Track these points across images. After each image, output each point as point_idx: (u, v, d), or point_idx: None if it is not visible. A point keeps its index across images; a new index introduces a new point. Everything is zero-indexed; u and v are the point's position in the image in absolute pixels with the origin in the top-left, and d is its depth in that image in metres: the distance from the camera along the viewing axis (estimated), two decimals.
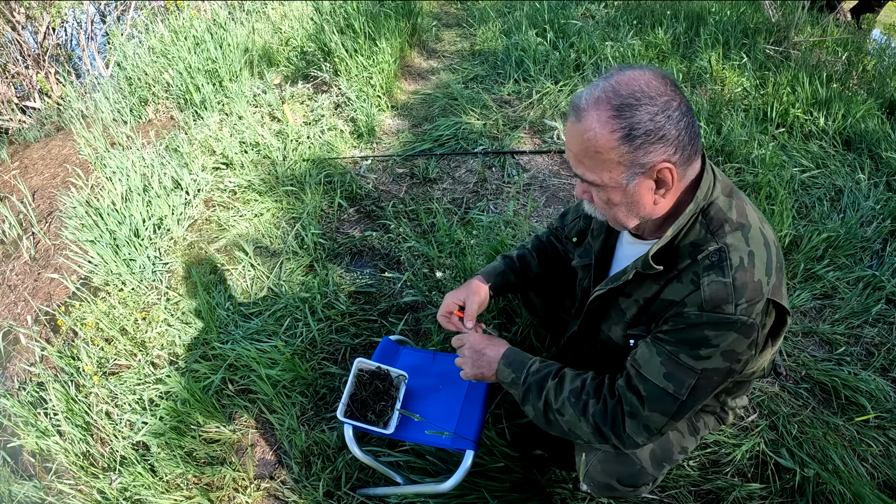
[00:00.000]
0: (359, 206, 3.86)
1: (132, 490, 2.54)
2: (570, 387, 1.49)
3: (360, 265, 3.43)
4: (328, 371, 2.82)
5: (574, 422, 1.47)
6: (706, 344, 1.30)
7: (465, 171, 4.19)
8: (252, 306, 3.16)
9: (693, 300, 1.30)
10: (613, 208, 1.35)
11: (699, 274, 1.30)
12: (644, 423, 1.38)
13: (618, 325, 1.55)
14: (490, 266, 2.03)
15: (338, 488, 2.38)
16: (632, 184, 1.27)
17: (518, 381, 1.59)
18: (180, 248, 3.64)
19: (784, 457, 2.28)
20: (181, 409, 2.71)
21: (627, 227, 1.41)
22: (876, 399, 2.51)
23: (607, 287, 1.51)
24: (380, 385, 2.07)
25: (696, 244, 1.33)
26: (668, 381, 1.34)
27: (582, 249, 1.79)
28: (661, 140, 1.21)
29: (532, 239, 2.10)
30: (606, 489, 1.72)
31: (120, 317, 3.26)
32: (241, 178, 4.04)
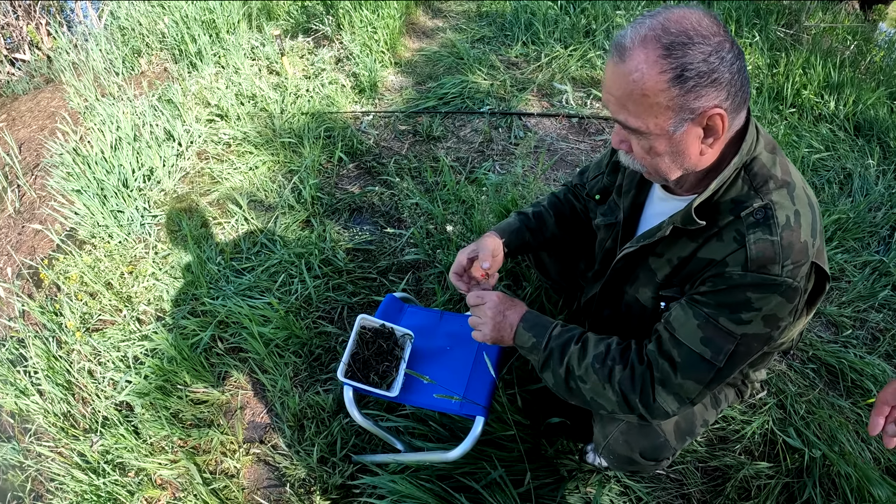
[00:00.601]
0: (359, 162, 3.63)
1: (114, 453, 2.36)
2: (594, 352, 1.38)
3: (360, 222, 3.21)
4: (324, 330, 2.62)
5: (598, 390, 1.36)
6: (748, 307, 1.20)
7: (470, 131, 3.96)
8: (245, 261, 2.95)
9: (736, 259, 1.20)
10: (656, 158, 1.23)
11: (743, 232, 1.20)
12: (676, 391, 1.29)
13: (647, 286, 1.44)
14: (504, 222, 1.87)
15: (332, 454, 2.20)
16: (679, 131, 1.16)
17: (539, 346, 1.46)
18: (171, 200, 3.42)
19: (791, 436, 2.20)
20: (167, 367, 2.51)
21: (669, 179, 1.28)
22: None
23: (639, 244, 1.39)
24: (384, 344, 1.88)
25: (739, 201, 1.23)
26: (705, 346, 1.24)
27: (605, 207, 1.67)
28: (713, 83, 1.10)
29: (548, 196, 1.95)
30: (627, 463, 1.60)
31: (105, 270, 3.05)
32: (236, 130, 3.81)
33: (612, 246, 1.61)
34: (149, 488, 2.27)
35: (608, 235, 1.63)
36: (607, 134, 3.92)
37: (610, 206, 1.63)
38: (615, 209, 1.59)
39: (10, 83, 5.45)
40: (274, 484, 2.25)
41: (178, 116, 3.95)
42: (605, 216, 1.65)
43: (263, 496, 2.23)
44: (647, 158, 1.24)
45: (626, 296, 1.53)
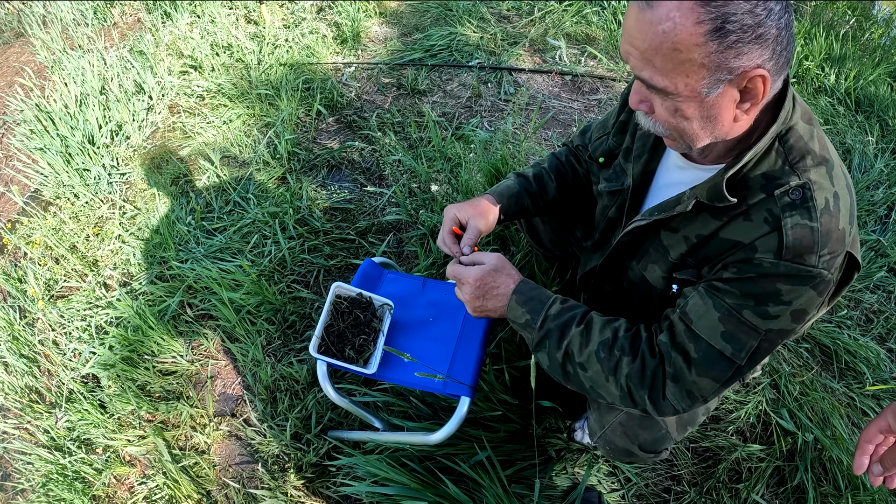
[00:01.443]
0: (339, 116, 3.36)
1: (80, 429, 2.17)
2: (599, 338, 1.19)
3: (339, 179, 2.96)
4: (298, 295, 2.40)
5: (599, 380, 1.19)
6: (776, 300, 1.04)
7: (457, 85, 3.68)
8: (216, 221, 2.71)
9: (767, 245, 1.03)
10: (682, 123, 1.03)
11: (777, 214, 1.03)
12: (689, 388, 1.12)
13: (657, 264, 1.26)
14: (503, 185, 1.64)
15: (307, 430, 2.01)
16: (713, 94, 0.96)
17: (533, 324, 1.25)
18: (140, 156, 3.15)
19: (785, 418, 2.09)
20: (132, 337, 2.30)
21: (695, 146, 1.08)
22: (874, 367, 2.33)
23: (653, 218, 1.20)
24: (360, 315, 1.66)
25: (772, 176, 1.05)
26: (725, 341, 1.08)
27: (610, 172, 1.46)
28: (758, 39, 0.90)
29: (548, 157, 1.71)
30: (624, 454, 1.47)
31: (70, 233, 2.81)
32: (210, 81, 3.52)
33: (616, 215, 1.43)
34: (117, 465, 2.10)
35: (611, 203, 1.44)
36: (602, 93, 3.64)
37: (615, 171, 1.43)
38: (621, 175, 1.40)
39: None
40: (246, 460, 2.07)
41: (149, 68, 3.65)
42: (610, 182, 1.44)
43: (235, 474, 2.05)
44: (671, 122, 1.04)
45: (631, 272, 1.35)
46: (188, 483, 2.01)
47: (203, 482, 2.05)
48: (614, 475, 1.93)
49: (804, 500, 1.95)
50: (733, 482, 1.98)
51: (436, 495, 1.68)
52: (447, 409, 1.88)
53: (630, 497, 1.94)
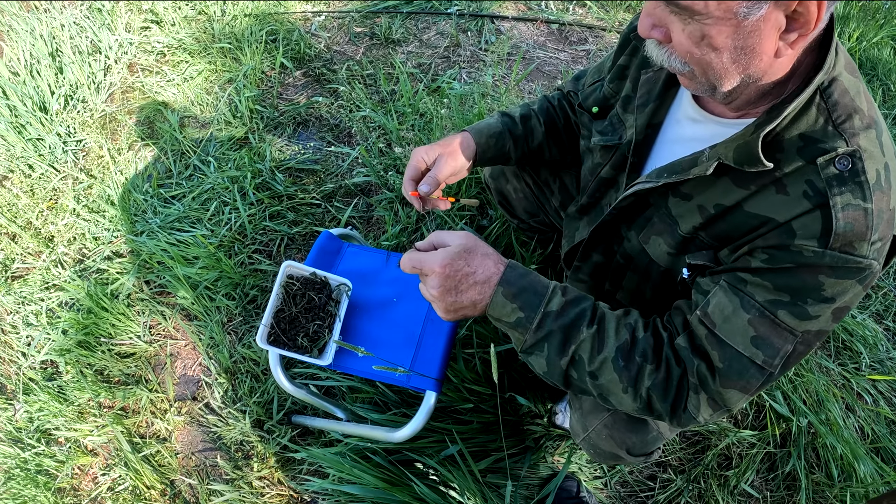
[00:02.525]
0: (306, 69, 3.06)
1: (40, 420, 2.00)
2: (615, 342, 0.94)
3: (304, 138, 2.69)
4: (259, 268, 2.17)
5: (613, 389, 0.94)
6: (817, 295, 0.83)
7: (434, 34, 3.35)
8: (175, 188, 2.46)
9: (809, 228, 0.81)
10: (709, 54, 0.78)
11: (821, 188, 0.81)
12: (714, 398, 0.91)
13: (663, 237, 1.03)
14: (483, 123, 1.36)
15: (269, 416, 1.81)
16: (754, 16, 0.72)
17: (527, 324, 0.95)
18: (96, 122, 2.88)
19: (778, 401, 1.93)
20: (85, 319, 2.09)
21: (721, 87, 0.84)
22: (871, 347, 2.18)
23: (661, 181, 0.96)
24: (315, 297, 1.46)
25: (812, 139, 0.83)
26: (756, 347, 0.86)
27: (605, 124, 1.22)
28: None
29: (539, 100, 1.45)
30: (610, 458, 1.27)
31: (25, 208, 2.57)
32: (171, 37, 3.22)
33: (610, 175, 1.20)
34: (79, 456, 1.93)
35: (604, 160, 1.21)
36: (591, 44, 3.30)
37: (611, 123, 1.20)
38: (618, 127, 1.18)
39: None
40: (209, 448, 1.89)
41: (106, 26, 3.36)
42: (604, 135, 1.21)
43: (198, 462, 1.87)
44: (694, 54, 0.79)
45: (628, 242, 1.11)
46: (150, 473, 1.84)
47: (165, 471, 1.88)
48: (597, 462, 1.75)
49: (795, 487, 1.81)
50: (722, 469, 1.82)
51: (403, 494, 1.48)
52: (417, 396, 1.68)
53: (613, 485, 1.76)
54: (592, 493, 1.73)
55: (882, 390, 2.09)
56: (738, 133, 0.87)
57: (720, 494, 1.79)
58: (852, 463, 1.82)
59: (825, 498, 1.84)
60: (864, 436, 1.97)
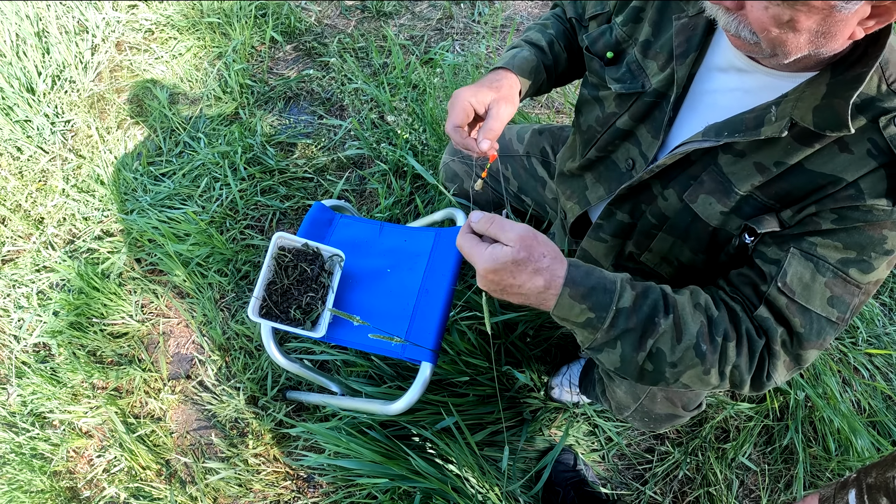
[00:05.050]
0: (297, 43, 2.99)
1: (34, 403, 1.97)
2: (695, 327, 0.89)
3: (296, 112, 2.62)
4: (251, 243, 2.12)
5: (695, 373, 0.89)
6: (880, 249, 0.84)
7: (427, 6, 3.27)
8: (165, 165, 2.41)
9: (877, 186, 0.81)
10: (787, 35, 0.74)
11: (886, 148, 0.80)
12: (793, 360, 0.90)
13: (715, 195, 0.96)
14: (520, 58, 1.22)
15: (263, 392, 1.77)
16: (849, 9, 0.69)
17: (599, 324, 0.88)
18: (84, 101, 2.82)
19: None
20: (76, 300, 2.05)
21: (786, 60, 0.80)
22: (867, 322, 2.15)
23: (722, 139, 0.90)
24: (307, 269, 1.43)
25: (871, 98, 0.81)
26: (832, 306, 0.87)
27: (623, 71, 1.10)
28: None
29: (552, 21, 1.33)
30: (665, 420, 1.27)
31: (14, 190, 2.53)
32: (158, 13, 3.15)
33: (629, 126, 1.10)
34: (74, 438, 1.91)
35: (621, 110, 1.11)
36: None
37: (630, 70, 1.09)
38: (638, 74, 1.07)
39: None
40: (204, 426, 1.85)
41: (93, 5, 3.29)
42: (623, 83, 1.10)
43: (193, 441, 1.84)
44: (771, 32, 0.74)
45: (664, 201, 1.03)
46: (145, 453, 1.82)
47: (161, 451, 1.85)
48: (594, 434, 1.73)
49: (793, 461, 1.79)
50: (720, 442, 1.80)
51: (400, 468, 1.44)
52: (412, 369, 1.63)
53: (611, 458, 1.73)
54: (590, 465, 1.70)
55: (878, 365, 2.07)
56: (807, 92, 0.83)
57: (718, 467, 1.77)
58: (849, 437, 1.80)
59: (822, 471, 1.82)
60: (861, 410, 1.95)
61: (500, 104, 1.08)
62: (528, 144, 1.59)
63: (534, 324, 1.68)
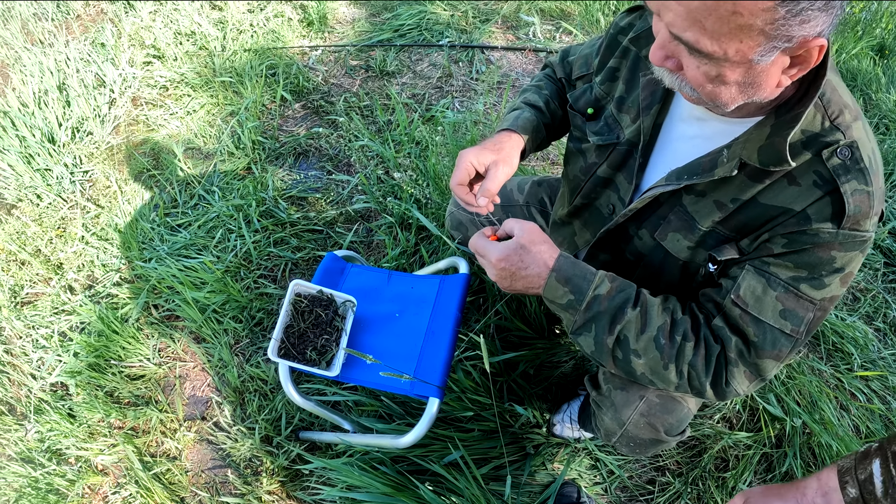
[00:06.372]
0: (305, 102, 3.19)
1: (51, 440, 2.05)
2: (657, 322, 1.05)
3: (305, 167, 2.80)
4: (265, 291, 2.26)
5: (656, 367, 1.05)
6: (829, 268, 0.96)
7: (427, 66, 3.50)
8: (181, 216, 2.56)
9: (823, 212, 0.93)
10: (719, 87, 0.86)
11: (829, 177, 0.92)
12: (752, 370, 1.02)
13: (682, 233, 1.10)
14: (522, 119, 1.36)
15: (277, 432, 1.89)
16: (764, 61, 0.80)
17: (577, 305, 1.08)
18: (102, 153, 2.98)
19: (772, 403, 2.00)
20: (97, 342, 2.17)
21: (725, 109, 0.93)
22: (861, 347, 2.25)
23: (682, 183, 1.03)
24: (322, 314, 1.56)
25: (815, 134, 0.93)
26: (784, 318, 0.99)
27: (601, 125, 1.25)
28: (826, 7, 0.74)
29: (545, 82, 1.48)
30: (649, 445, 1.36)
31: (34, 236, 2.66)
32: (173, 71, 3.34)
33: (608, 174, 1.25)
34: (90, 475, 1.99)
35: (600, 160, 1.25)
36: None
37: (606, 123, 1.24)
38: (614, 127, 1.22)
39: None
40: (218, 465, 1.95)
41: (110, 60, 3.46)
42: (601, 135, 1.25)
43: (208, 479, 1.93)
44: (706, 87, 0.87)
45: (639, 240, 1.18)
46: (161, 490, 1.90)
47: (176, 489, 1.94)
48: (596, 468, 1.83)
49: None
50: (720, 471, 1.89)
51: (410, 500, 1.57)
52: (419, 407, 1.77)
53: (613, 490, 1.84)
54: (593, 498, 1.80)
55: (875, 388, 2.16)
56: (753, 134, 0.95)
57: (719, 496, 1.85)
58: None
59: None
60: (860, 433, 2.03)
61: (499, 166, 1.22)
62: (527, 195, 1.75)
63: (533, 363, 1.82)
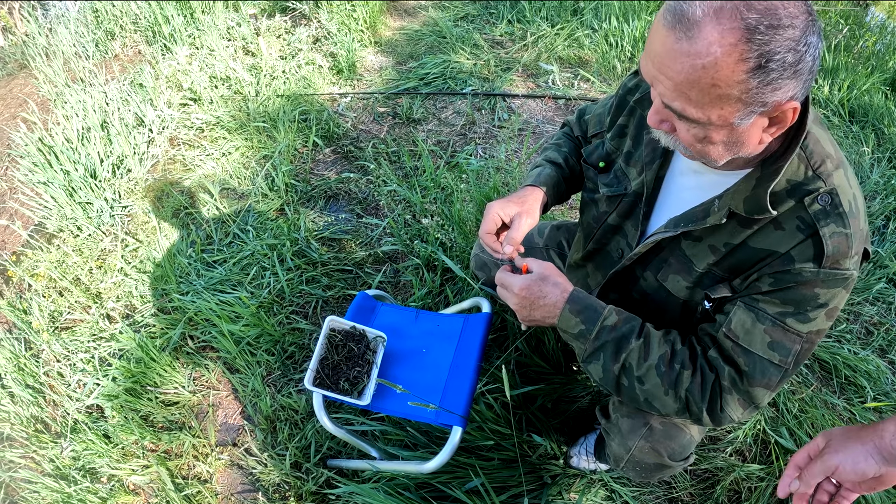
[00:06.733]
0: (335, 146, 3.45)
1: (85, 459, 2.23)
2: (658, 351, 1.20)
3: (336, 210, 3.04)
4: (297, 326, 2.47)
5: (657, 393, 1.19)
6: (814, 304, 1.08)
7: (452, 113, 3.77)
8: (216, 253, 2.79)
9: (805, 253, 1.06)
10: (707, 146, 1.03)
11: (810, 221, 1.05)
12: (744, 398, 1.15)
13: (681, 274, 1.26)
14: (544, 174, 1.55)
15: (306, 459, 2.07)
16: (745, 123, 0.95)
17: (587, 335, 1.24)
18: (141, 189, 3.24)
19: (784, 436, 2.10)
20: (134, 369, 2.37)
21: (716, 164, 1.09)
22: (874, 380, 2.35)
23: (679, 230, 1.19)
24: (354, 347, 1.74)
25: (798, 183, 1.07)
26: (773, 350, 1.11)
27: (611, 177, 1.43)
28: (795, 74, 0.89)
29: (564, 140, 1.67)
30: (656, 470, 1.47)
31: (74, 266, 2.89)
32: (209, 114, 3.62)
33: (616, 222, 1.42)
34: (121, 494, 2.15)
35: (610, 209, 1.42)
36: None
37: (616, 176, 1.41)
38: (623, 179, 1.39)
39: None
40: (248, 489, 2.12)
41: (149, 101, 3.75)
42: (610, 187, 1.41)
43: (237, 502, 2.10)
44: (696, 146, 1.04)
45: (644, 282, 1.35)
46: None
47: None
48: (611, 499, 1.97)
49: None
50: (732, 503, 2.01)
51: None
52: (442, 437, 1.94)
53: None
54: None
55: None
56: (741, 185, 1.10)
57: None
58: None
59: None
60: None
61: (522, 217, 1.40)
62: (547, 238, 1.96)
63: (551, 397, 2.00)
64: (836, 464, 0.99)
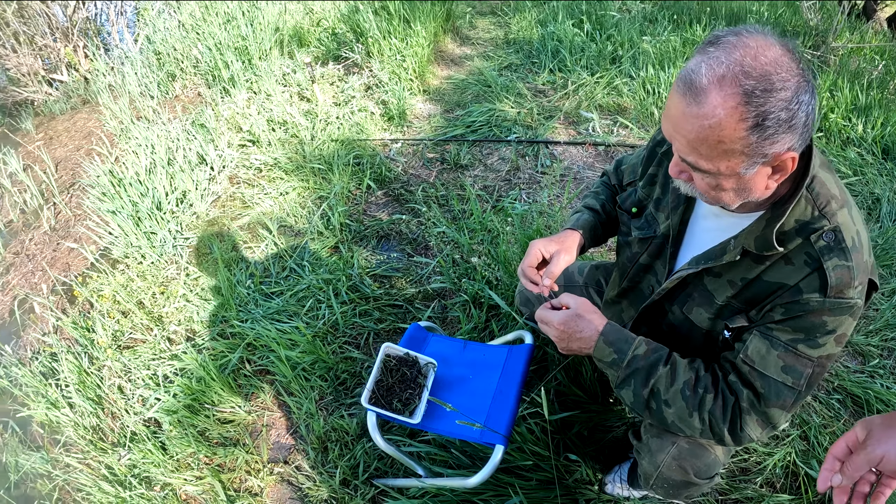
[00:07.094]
0: (387, 190, 3.74)
1: (141, 467, 2.46)
2: (684, 377, 1.37)
3: (387, 249, 3.32)
4: (350, 356, 2.71)
5: (682, 415, 1.36)
6: (823, 330, 1.23)
7: (497, 159, 4.06)
8: (273, 285, 3.06)
9: (811, 285, 1.21)
10: (720, 193, 1.21)
11: (816, 256, 1.21)
12: (762, 418, 1.30)
13: (703, 307, 1.43)
14: (582, 219, 1.77)
15: (355, 477, 2.28)
16: (749, 173, 1.14)
17: (619, 363, 1.43)
18: (202, 223, 3.55)
19: (814, 468, 2.20)
20: (196, 386, 2.61)
21: (730, 207, 1.27)
22: (893, 405, 2.43)
23: (700, 266, 1.37)
24: (407, 372, 1.96)
25: (805, 222, 1.22)
26: (786, 373, 1.26)
27: (642, 221, 1.62)
28: (790, 129, 1.07)
29: (602, 188, 1.89)
30: (683, 487, 1.61)
31: (138, 290, 3.18)
32: (267, 155, 3.94)
33: (648, 262, 1.60)
34: (174, 503, 2.36)
35: (642, 250, 1.60)
36: None
37: (647, 220, 1.60)
38: (653, 223, 1.57)
39: (48, 103, 5.67)
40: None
41: (210, 141, 4.09)
42: (642, 230, 1.60)
43: None
44: (710, 193, 1.22)
45: (672, 315, 1.52)
46: None
47: None
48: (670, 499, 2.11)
49: None
50: None
51: None
52: (483, 458, 2.13)
53: None
54: None
55: None
56: (753, 226, 1.26)
57: None
58: None
59: None
60: None
61: (561, 254, 1.61)
62: (586, 277, 2.16)
63: (588, 425, 2.19)
64: (881, 454, 0.99)
